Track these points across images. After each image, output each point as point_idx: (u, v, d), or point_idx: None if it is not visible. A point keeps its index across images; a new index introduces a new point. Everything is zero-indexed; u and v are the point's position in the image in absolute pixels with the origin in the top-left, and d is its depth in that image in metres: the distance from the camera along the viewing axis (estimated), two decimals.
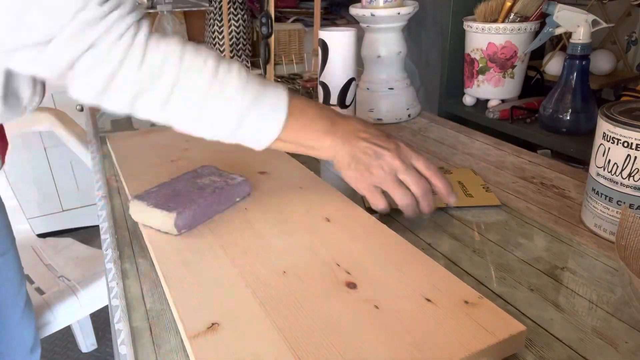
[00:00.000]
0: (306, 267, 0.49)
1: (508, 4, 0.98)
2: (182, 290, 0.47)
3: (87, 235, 2.13)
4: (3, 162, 0.82)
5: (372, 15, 0.90)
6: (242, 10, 2.02)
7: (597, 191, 0.56)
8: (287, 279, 0.48)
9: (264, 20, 0.98)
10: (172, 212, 0.55)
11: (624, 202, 0.53)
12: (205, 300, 0.45)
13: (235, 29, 2.08)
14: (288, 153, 0.79)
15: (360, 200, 0.65)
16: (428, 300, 0.44)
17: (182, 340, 0.44)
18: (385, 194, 0.59)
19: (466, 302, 0.44)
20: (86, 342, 1.56)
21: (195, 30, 2.41)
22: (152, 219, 0.57)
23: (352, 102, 0.79)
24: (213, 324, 0.42)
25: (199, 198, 0.59)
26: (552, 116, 0.90)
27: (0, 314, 0.89)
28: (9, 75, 0.56)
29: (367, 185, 0.58)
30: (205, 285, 0.47)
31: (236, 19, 2.05)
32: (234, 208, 0.62)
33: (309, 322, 0.42)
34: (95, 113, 1.11)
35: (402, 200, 0.57)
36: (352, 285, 0.46)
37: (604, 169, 0.54)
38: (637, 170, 0.51)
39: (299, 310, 0.43)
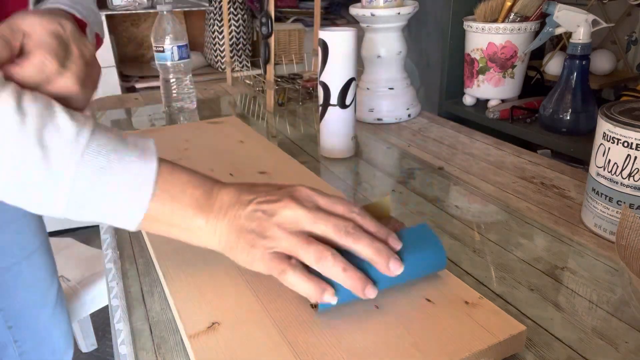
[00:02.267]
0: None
1: (508, 3, 0.98)
2: (182, 290, 0.47)
3: (87, 235, 2.13)
4: None
5: (372, 15, 0.90)
6: (242, 10, 2.02)
7: (597, 191, 0.56)
8: None
9: (264, 20, 0.98)
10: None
11: (624, 202, 0.53)
12: (205, 299, 0.45)
13: (235, 29, 2.07)
14: (288, 153, 0.79)
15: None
16: (428, 300, 0.44)
17: (182, 340, 0.44)
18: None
19: (466, 302, 0.44)
20: (86, 342, 1.56)
21: (195, 30, 2.41)
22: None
23: (352, 102, 0.79)
24: (213, 324, 0.42)
25: None
26: (552, 116, 0.90)
27: (29, 315, 0.87)
28: None
29: (269, 257, 0.41)
30: (206, 285, 0.47)
31: (236, 19, 2.05)
32: None
33: (309, 322, 0.42)
34: (95, 113, 1.11)
35: (321, 263, 0.40)
36: None
37: (604, 169, 0.54)
38: (637, 170, 0.51)
39: (299, 310, 0.43)
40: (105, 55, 1.87)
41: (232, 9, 2.00)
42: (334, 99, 0.78)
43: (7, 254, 0.83)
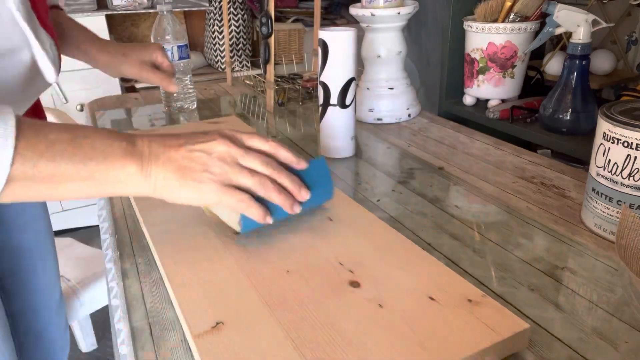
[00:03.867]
0: (309, 266, 0.50)
1: (508, 3, 0.98)
2: (186, 290, 0.47)
3: (87, 235, 2.13)
4: None
5: (372, 15, 0.90)
6: (242, 10, 2.02)
7: (597, 191, 0.56)
8: (290, 278, 0.48)
9: (264, 20, 0.98)
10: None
11: (624, 202, 0.53)
12: (209, 299, 0.45)
13: (235, 29, 2.07)
14: None
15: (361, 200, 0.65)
16: (432, 298, 0.44)
17: (182, 340, 0.44)
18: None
19: (470, 300, 0.44)
20: (86, 342, 1.56)
21: (195, 30, 2.41)
22: (222, 212, 0.57)
23: (352, 102, 0.79)
24: (218, 323, 0.42)
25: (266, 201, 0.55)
26: (552, 116, 0.90)
27: (33, 317, 0.87)
28: None
29: (222, 189, 0.47)
30: (209, 285, 0.47)
31: (236, 19, 2.05)
32: None
33: (313, 321, 0.42)
34: (95, 113, 1.11)
35: (264, 187, 0.48)
36: (355, 284, 0.46)
37: (604, 169, 0.54)
38: (637, 170, 0.51)
39: (303, 309, 0.43)
40: None
41: (232, 9, 2.00)
42: (334, 99, 0.78)
43: (26, 256, 0.83)
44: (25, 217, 0.80)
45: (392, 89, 0.98)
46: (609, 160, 0.54)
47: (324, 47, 0.76)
